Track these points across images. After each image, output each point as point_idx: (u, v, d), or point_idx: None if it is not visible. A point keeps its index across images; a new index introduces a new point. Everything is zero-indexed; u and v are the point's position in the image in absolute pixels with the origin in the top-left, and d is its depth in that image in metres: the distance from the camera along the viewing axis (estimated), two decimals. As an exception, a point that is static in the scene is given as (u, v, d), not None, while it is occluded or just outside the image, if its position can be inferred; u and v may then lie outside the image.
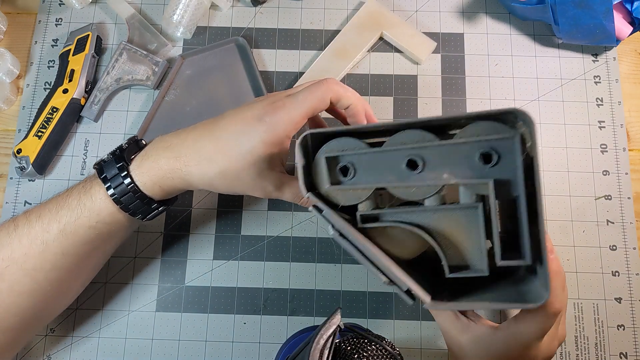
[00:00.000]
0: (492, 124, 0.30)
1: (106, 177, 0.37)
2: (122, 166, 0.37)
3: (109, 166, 0.38)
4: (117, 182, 0.37)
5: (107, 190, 0.37)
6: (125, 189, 0.37)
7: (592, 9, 0.47)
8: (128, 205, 0.37)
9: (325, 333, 0.28)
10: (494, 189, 0.29)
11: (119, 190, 0.37)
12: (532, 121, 0.28)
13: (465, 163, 0.30)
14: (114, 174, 0.37)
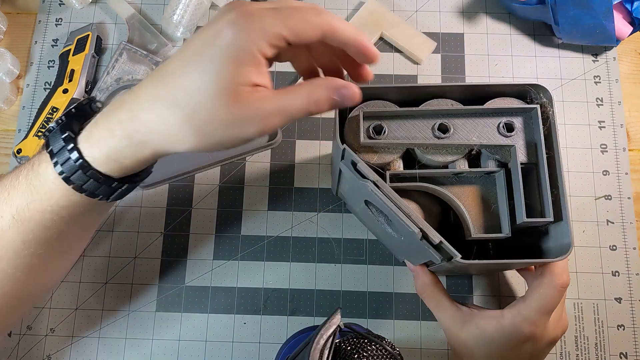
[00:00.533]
0: (511, 100, 0.35)
1: (52, 151, 0.30)
2: (67, 137, 0.29)
3: (54, 137, 0.30)
4: (63, 158, 0.29)
5: (54, 167, 0.30)
6: (73, 166, 0.29)
7: (592, 9, 0.47)
8: (81, 186, 0.30)
9: (325, 333, 0.28)
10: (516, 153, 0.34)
11: (67, 168, 0.29)
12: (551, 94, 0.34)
13: (490, 131, 0.35)
14: (59, 147, 0.30)
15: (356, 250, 0.47)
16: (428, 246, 0.32)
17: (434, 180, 0.35)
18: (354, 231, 0.47)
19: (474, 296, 0.46)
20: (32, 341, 0.45)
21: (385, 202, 0.32)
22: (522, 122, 0.35)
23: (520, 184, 0.33)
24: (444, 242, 0.32)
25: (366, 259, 0.47)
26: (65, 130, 0.30)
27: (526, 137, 0.35)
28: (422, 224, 0.32)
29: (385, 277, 0.46)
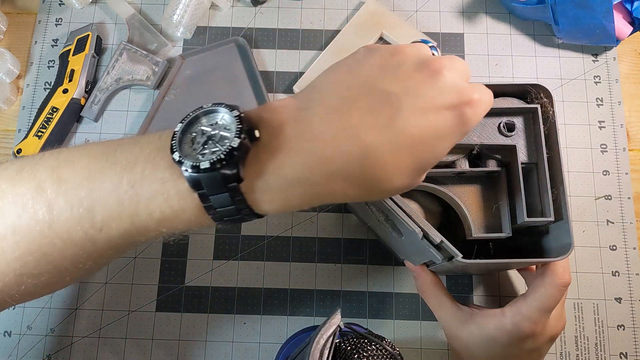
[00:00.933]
0: (511, 100, 0.35)
1: (205, 196, 0.25)
2: (235, 189, 0.24)
3: (213, 184, 0.24)
4: (222, 204, 0.25)
5: (206, 209, 0.25)
6: (231, 212, 0.25)
7: (592, 9, 0.47)
8: (223, 218, 0.26)
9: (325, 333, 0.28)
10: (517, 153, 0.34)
11: (222, 214, 0.26)
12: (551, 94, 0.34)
13: (490, 131, 0.35)
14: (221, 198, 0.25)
15: (356, 250, 0.47)
16: (429, 246, 0.32)
17: (435, 179, 0.35)
18: (354, 231, 0.47)
19: (474, 296, 0.46)
20: (32, 341, 0.45)
21: (386, 202, 0.32)
22: (523, 122, 0.35)
23: (521, 184, 0.33)
24: (445, 242, 0.32)
25: (366, 259, 0.47)
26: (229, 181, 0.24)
27: (527, 136, 0.35)
28: (423, 224, 0.32)
29: (386, 277, 0.46)
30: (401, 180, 0.26)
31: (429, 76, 0.25)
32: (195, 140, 0.26)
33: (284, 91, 0.51)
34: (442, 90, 0.25)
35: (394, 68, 0.26)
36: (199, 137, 0.26)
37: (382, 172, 0.25)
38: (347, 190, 0.25)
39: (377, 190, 0.26)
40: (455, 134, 0.26)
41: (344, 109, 0.25)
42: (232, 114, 0.25)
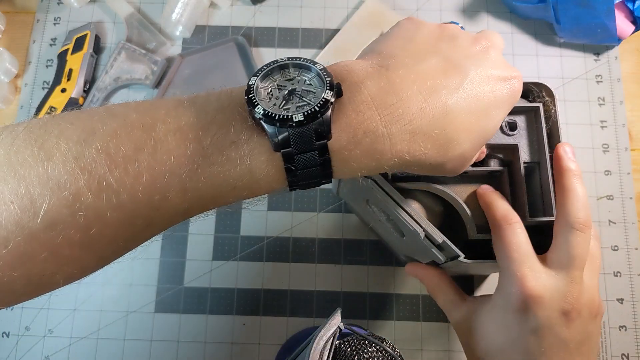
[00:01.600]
0: None
1: (291, 155, 0.23)
2: (324, 147, 0.23)
3: (303, 140, 0.22)
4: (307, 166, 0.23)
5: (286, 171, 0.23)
6: (313, 174, 0.24)
7: (594, 8, 0.47)
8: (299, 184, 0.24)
9: (325, 334, 0.28)
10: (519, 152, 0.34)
11: (303, 176, 0.24)
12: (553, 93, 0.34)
13: None
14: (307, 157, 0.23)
15: (357, 250, 0.46)
16: (431, 246, 0.32)
17: (436, 179, 0.35)
18: (355, 231, 0.47)
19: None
20: (30, 342, 0.45)
21: (387, 202, 0.32)
22: (525, 121, 0.35)
23: (523, 183, 0.33)
24: (447, 242, 0.31)
25: (367, 260, 0.46)
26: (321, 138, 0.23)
27: (529, 135, 0.34)
28: (425, 224, 0.32)
29: (386, 278, 0.46)
30: (468, 145, 0.26)
31: (482, 50, 0.27)
32: (273, 96, 0.24)
33: (284, 90, 0.51)
34: (495, 63, 0.27)
35: (450, 39, 0.27)
36: (277, 92, 0.24)
37: (456, 133, 0.25)
38: (427, 150, 0.25)
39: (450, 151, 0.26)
40: (508, 104, 0.27)
41: (419, 71, 0.25)
42: (317, 67, 0.24)
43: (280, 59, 0.25)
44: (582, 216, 0.30)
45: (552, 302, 0.29)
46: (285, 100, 0.24)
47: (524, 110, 0.35)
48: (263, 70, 0.24)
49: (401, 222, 0.32)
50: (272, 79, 0.24)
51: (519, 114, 0.35)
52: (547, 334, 0.30)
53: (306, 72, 0.25)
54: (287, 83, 0.24)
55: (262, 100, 0.23)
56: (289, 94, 0.24)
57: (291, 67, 0.25)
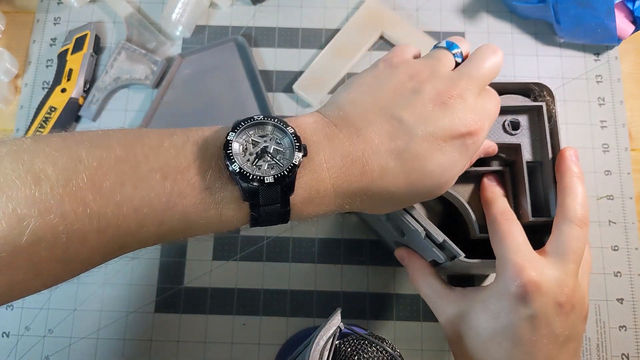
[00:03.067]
0: (516, 97, 0.35)
1: (257, 205, 0.26)
2: (286, 201, 0.26)
3: (270, 196, 0.26)
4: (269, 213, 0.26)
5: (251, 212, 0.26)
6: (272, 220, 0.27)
7: (594, 8, 0.47)
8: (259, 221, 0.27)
9: (325, 334, 0.28)
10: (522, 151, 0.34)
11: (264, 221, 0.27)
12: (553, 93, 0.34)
13: (495, 129, 0.34)
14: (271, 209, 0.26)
15: (356, 250, 0.46)
16: (432, 245, 0.32)
17: None
18: (354, 231, 0.47)
19: (475, 297, 0.45)
20: (30, 342, 0.45)
21: None
22: (527, 121, 0.35)
23: (526, 183, 0.33)
24: (448, 241, 0.31)
25: (367, 260, 0.46)
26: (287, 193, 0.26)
27: (531, 135, 0.34)
28: (426, 223, 0.31)
29: (386, 278, 0.46)
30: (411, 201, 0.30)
31: (440, 106, 0.28)
32: (247, 151, 0.26)
33: (284, 90, 0.51)
34: (452, 121, 0.28)
35: (410, 95, 0.28)
36: (250, 147, 0.27)
37: (392, 191, 0.28)
38: (364, 204, 0.28)
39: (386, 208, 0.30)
40: (466, 158, 0.29)
41: (367, 131, 0.27)
42: (288, 130, 0.27)
43: (257, 117, 0.27)
44: (581, 212, 0.31)
45: (549, 292, 0.30)
46: (257, 157, 0.26)
47: (527, 109, 0.35)
48: (241, 126, 0.27)
49: (402, 222, 0.32)
50: (248, 133, 0.27)
51: (522, 113, 0.35)
52: (541, 323, 0.30)
53: (279, 132, 0.27)
54: (261, 140, 0.27)
55: (237, 155, 0.26)
56: (262, 152, 0.26)
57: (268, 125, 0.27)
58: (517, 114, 0.35)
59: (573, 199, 0.31)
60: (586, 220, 0.31)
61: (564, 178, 0.32)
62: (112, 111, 0.51)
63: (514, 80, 0.35)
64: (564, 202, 0.32)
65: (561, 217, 0.31)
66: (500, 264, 0.31)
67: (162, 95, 0.50)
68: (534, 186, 0.34)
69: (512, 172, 0.35)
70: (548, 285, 0.30)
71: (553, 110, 0.34)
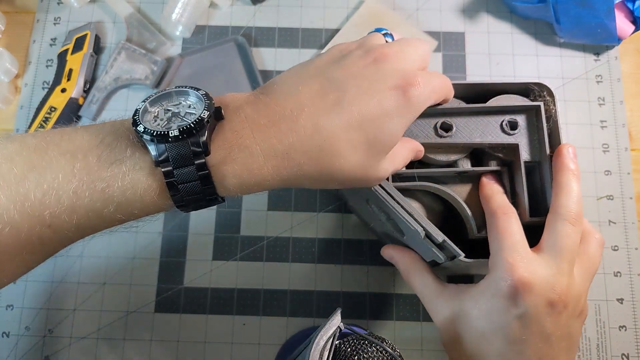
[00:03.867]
0: (514, 97, 0.35)
1: (171, 171, 0.24)
2: (201, 164, 0.24)
3: (180, 155, 0.24)
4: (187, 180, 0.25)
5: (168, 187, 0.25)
6: (194, 190, 0.25)
7: (594, 8, 0.47)
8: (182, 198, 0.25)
9: (325, 334, 0.28)
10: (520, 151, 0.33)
11: (185, 192, 0.25)
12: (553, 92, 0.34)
13: (493, 129, 0.34)
14: (186, 172, 0.24)
15: (356, 250, 0.46)
16: (431, 245, 0.32)
17: (437, 179, 0.35)
18: (354, 231, 0.47)
19: (475, 297, 0.45)
20: (30, 342, 0.45)
21: (387, 201, 0.32)
22: (525, 120, 0.35)
23: (524, 183, 0.33)
24: (447, 241, 0.31)
25: (367, 260, 0.46)
26: (199, 155, 0.24)
27: (529, 135, 0.34)
28: (425, 223, 0.32)
29: (386, 278, 0.46)
30: (356, 158, 0.27)
31: (371, 63, 0.28)
32: (158, 118, 0.26)
33: (284, 90, 0.51)
34: (384, 74, 0.28)
35: (340, 59, 0.29)
36: (162, 115, 0.26)
37: (335, 148, 0.27)
38: (305, 166, 0.27)
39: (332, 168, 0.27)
40: (404, 113, 0.28)
41: (296, 93, 0.27)
42: (199, 93, 0.26)
43: (170, 88, 0.27)
44: (574, 210, 0.31)
45: (540, 291, 0.30)
46: (167, 121, 0.26)
47: (525, 109, 0.35)
48: (151, 97, 0.26)
49: (401, 222, 0.32)
50: (160, 104, 0.26)
51: (520, 113, 0.35)
52: (532, 322, 0.30)
53: (189, 98, 0.27)
54: (173, 107, 0.26)
55: (147, 121, 0.25)
56: (172, 115, 0.26)
57: (175, 95, 0.27)
58: (515, 113, 0.35)
59: (567, 196, 0.31)
60: (579, 217, 0.31)
61: (559, 175, 0.32)
62: (112, 111, 0.51)
63: (514, 81, 0.35)
64: (558, 199, 0.31)
65: (554, 215, 0.31)
66: (493, 261, 0.31)
67: (162, 95, 0.50)
68: (532, 186, 0.34)
69: (509, 172, 0.35)
70: (540, 284, 0.29)
71: (553, 110, 0.34)
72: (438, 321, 0.35)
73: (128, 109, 0.51)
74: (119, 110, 0.50)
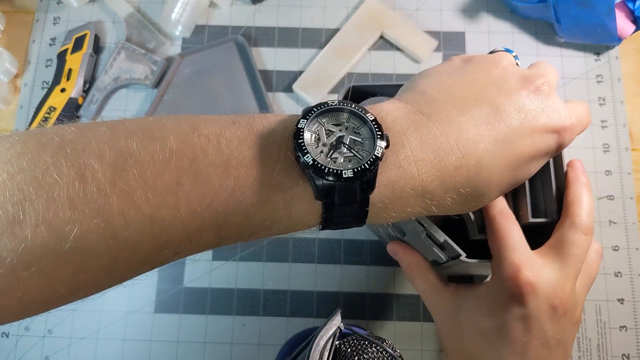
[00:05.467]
0: None
1: (332, 205, 0.23)
2: (365, 201, 0.23)
3: (348, 194, 0.22)
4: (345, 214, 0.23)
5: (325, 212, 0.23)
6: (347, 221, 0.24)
7: (594, 8, 0.47)
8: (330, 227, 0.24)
9: (325, 334, 0.28)
10: None
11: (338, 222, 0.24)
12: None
13: None
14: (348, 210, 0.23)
15: (357, 251, 0.46)
16: (432, 245, 0.32)
17: None
18: (355, 231, 0.47)
19: (475, 297, 0.45)
20: (30, 342, 0.45)
21: None
22: None
23: (527, 183, 0.33)
24: (449, 241, 0.31)
25: (367, 260, 0.46)
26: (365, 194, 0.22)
27: None
28: (427, 223, 0.31)
29: (386, 279, 0.46)
30: (495, 195, 0.26)
31: (534, 93, 0.26)
32: (320, 142, 0.23)
33: (284, 90, 0.51)
34: (547, 109, 0.25)
35: (499, 81, 0.26)
36: (324, 138, 0.23)
37: (488, 189, 0.25)
38: (455, 204, 0.25)
39: (477, 204, 0.26)
40: (549, 157, 0.27)
41: (460, 120, 0.24)
42: (368, 117, 0.23)
43: (331, 102, 0.24)
44: (586, 220, 0.30)
45: (544, 293, 0.29)
46: (332, 149, 0.23)
47: None
48: (313, 113, 0.23)
49: (402, 221, 0.32)
50: (320, 122, 0.24)
51: None
52: (533, 324, 0.29)
53: (352, 119, 0.24)
54: (335, 128, 0.23)
55: (309, 145, 0.22)
56: (337, 142, 0.23)
57: (344, 112, 0.24)
58: None
59: (580, 207, 0.31)
60: (590, 228, 0.31)
61: (572, 186, 0.32)
62: (112, 111, 0.50)
63: None
64: (571, 208, 0.31)
65: (566, 222, 0.31)
66: (496, 263, 0.31)
67: (161, 95, 0.50)
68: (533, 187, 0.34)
69: None
70: (544, 287, 0.29)
71: None
72: (438, 319, 0.35)
73: (128, 109, 0.50)
74: (118, 110, 0.50)
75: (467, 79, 0.26)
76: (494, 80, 0.26)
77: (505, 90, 0.26)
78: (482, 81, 0.26)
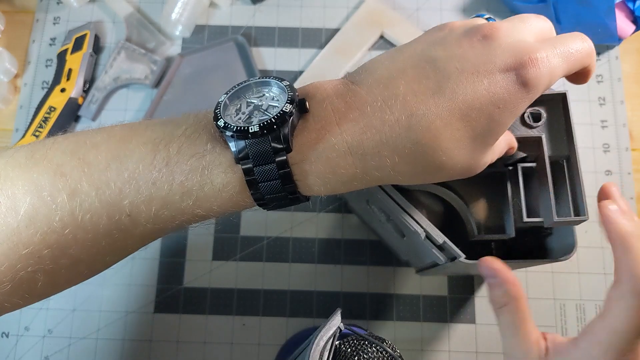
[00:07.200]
0: None
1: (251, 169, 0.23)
2: (283, 161, 0.23)
3: (260, 152, 0.23)
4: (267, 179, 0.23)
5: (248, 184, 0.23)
6: (275, 188, 0.24)
7: (594, 7, 0.47)
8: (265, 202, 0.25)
9: (325, 334, 0.28)
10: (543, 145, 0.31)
11: (266, 190, 0.24)
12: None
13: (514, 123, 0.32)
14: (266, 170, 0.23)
15: (357, 250, 0.46)
16: (432, 246, 0.32)
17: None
18: (354, 231, 0.47)
19: (475, 297, 0.45)
20: (29, 342, 0.45)
21: (387, 202, 0.32)
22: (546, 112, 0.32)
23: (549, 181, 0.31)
24: (448, 242, 0.31)
25: (367, 260, 0.46)
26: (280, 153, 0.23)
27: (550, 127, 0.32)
28: (425, 224, 0.31)
29: (386, 278, 0.46)
30: (461, 154, 0.24)
31: (478, 41, 0.24)
32: (240, 111, 0.24)
33: (284, 90, 0.51)
34: (493, 53, 0.23)
35: (441, 39, 0.24)
36: (244, 108, 0.24)
37: (436, 144, 0.23)
38: (397, 165, 0.23)
39: (432, 165, 0.24)
40: (517, 100, 0.23)
41: (390, 80, 0.23)
42: (283, 84, 0.24)
43: (252, 79, 0.25)
44: None
45: None
46: (249, 115, 0.24)
47: (548, 99, 0.32)
48: (234, 88, 0.25)
49: (402, 223, 0.32)
50: (244, 96, 0.25)
51: (541, 104, 0.32)
52: None
53: (272, 89, 0.25)
54: (257, 100, 0.25)
55: (228, 115, 0.24)
56: (254, 108, 0.24)
57: (255, 86, 0.25)
58: (537, 105, 0.31)
59: None
60: None
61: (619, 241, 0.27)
62: (112, 111, 0.50)
63: None
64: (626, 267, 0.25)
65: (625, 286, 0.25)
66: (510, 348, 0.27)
67: (161, 95, 0.50)
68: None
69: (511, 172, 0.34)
70: None
71: None
72: None
73: (128, 108, 0.50)
74: (118, 110, 0.50)
75: (411, 46, 0.25)
76: (435, 41, 0.25)
77: (445, 44, 0.24)
78: (423, 44, 0.25)
